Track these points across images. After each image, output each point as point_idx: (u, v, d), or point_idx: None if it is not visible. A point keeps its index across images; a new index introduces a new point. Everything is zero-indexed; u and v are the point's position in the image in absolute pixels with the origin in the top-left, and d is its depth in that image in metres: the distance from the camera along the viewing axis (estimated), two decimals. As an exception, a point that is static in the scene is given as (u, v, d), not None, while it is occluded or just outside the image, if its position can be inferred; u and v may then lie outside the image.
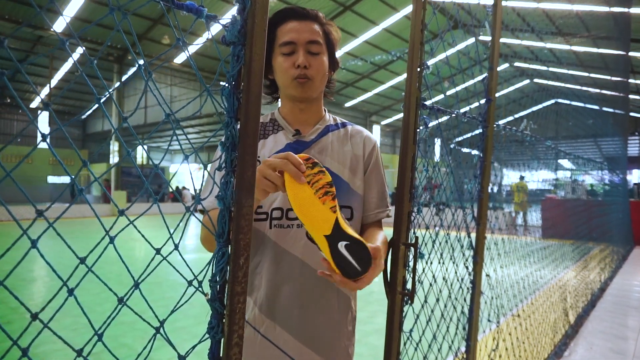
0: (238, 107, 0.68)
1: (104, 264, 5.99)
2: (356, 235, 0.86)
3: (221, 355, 0.68)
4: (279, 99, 1.25)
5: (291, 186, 0.85)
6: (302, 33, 1.08)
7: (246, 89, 0.68)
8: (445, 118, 1.38)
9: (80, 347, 0.54)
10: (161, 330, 0.62)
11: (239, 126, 0.68)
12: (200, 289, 0.66)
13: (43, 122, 25.58)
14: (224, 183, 0.68)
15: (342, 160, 1.15)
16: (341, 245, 0.85)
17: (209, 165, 1.10)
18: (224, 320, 0.68)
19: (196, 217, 0.69)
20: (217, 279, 0.68)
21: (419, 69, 1.13)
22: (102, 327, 0.57)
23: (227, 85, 0.67)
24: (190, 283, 0.65)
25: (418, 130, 1.15)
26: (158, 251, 0.61)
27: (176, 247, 0.63)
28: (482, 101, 1.61)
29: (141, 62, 0.58)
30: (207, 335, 0.69)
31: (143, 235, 0.62)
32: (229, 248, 0.68)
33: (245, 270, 0.69)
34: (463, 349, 1.60)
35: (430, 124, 1.22)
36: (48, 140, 0.49)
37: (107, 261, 4.10)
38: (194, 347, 0.68)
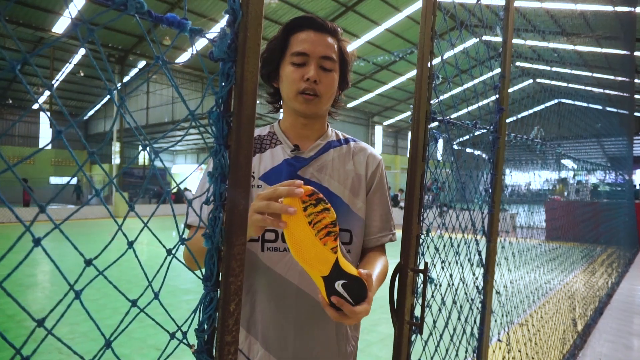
0: (228, 133, 0.60)
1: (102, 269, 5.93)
2: (355, 273, 0.80)
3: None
4: (281, 110, 1.17)
5: (290, 233, 0.76)
6: (317, 46, 1.00)
7: (237, 113, 0.59)
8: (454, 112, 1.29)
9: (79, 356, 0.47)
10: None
11: (229, 154, 0.60)
12: (185, 340, 0.58)
13: (44, 123, 25.60)
14: (212, 219, 0.60)
15: (343, 180, 1.07)
16: (338, 284, 0.78)
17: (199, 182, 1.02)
18: (212, 374, 0.60)
19: (179, 260, 0.61)
20: (205, 328, 0.60)
21: (428, 80, 1.05)
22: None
23: (215, 108, 0.59)
24: (172, 336, 0.56)
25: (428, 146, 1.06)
26: (134, 303, 0.52)
27: (156, 296, 0.55)
28: (493, 97, 1.53)
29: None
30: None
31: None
32: (218, 292, 0.60)
33: (236, 317, 0.61)
34: (473, 371, 1.51)
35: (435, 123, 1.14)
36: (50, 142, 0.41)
37: (105, 265, 4.05)
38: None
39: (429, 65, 1.05)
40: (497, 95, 1.51)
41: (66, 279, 0.47)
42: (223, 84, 0.59)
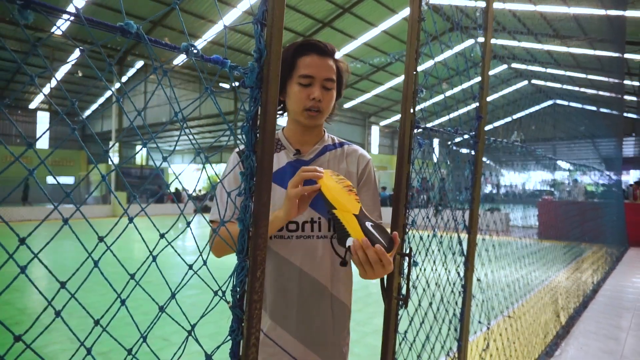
0: (255, 142, 0.79)
1: (107, 265, 6.10)
2: (379, 221, 1.01)
3: (240, 354, 0.80)
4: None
5: (324, 184, 1.00)
6: (321, 70, 1.19)
7: (262, 127, 0.79)
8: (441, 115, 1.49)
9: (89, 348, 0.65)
10: (192, 334, 0.74)
11: (256, 158, 0.79)
12: (223, 297, 0.78)
13: (43, 122, 25.66)
14: (243, 207, 0.79)
15: None
16: (368, 224, 0.98)
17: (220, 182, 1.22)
18: (243, 324, 0.80)
19: (212, 227, 0.80)
20: (238, 289, 0.80)
21: (413, 95, 1.24)
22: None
23: (246, 123, 0.79)
24: (215, 293, 0.76)
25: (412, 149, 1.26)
26: (190, 267, 0.72)
27: (204, 262, 0.74)
28: (474, 105, 1.72)
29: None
30: (229, 337, 0.80)
31: (176, 251, 0.74)
32: (248, 263, 0.80)
33: (261, 281, 0.80)
34: (455, 348, 1.71)
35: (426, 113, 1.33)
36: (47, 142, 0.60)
37: (109, 262, 4.24)
38: (218, 347, 0.79)
39: (413, 80, 1.26)
40: (477, 104, 1.71)
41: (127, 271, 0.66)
42: (252, 105, 0.79)
